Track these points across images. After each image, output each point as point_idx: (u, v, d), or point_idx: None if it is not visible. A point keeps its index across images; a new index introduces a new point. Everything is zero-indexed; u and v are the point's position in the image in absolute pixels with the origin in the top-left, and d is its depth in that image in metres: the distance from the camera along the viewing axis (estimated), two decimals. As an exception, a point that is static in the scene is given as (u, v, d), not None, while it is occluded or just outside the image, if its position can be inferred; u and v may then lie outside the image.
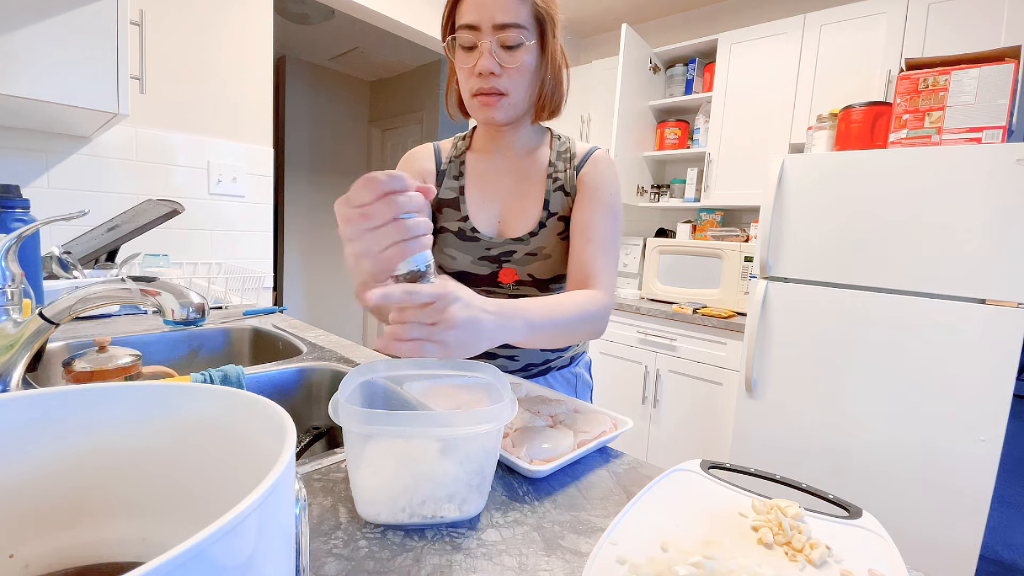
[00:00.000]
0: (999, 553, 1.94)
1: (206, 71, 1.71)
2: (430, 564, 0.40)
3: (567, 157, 0.78)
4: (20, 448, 0.27)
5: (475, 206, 0.79)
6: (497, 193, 0.79)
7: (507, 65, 0.67)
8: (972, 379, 1.41)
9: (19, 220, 0.83)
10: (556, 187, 0.77)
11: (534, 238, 0.76)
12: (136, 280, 0.52)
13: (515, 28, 0.65)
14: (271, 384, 0.85)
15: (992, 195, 1.38)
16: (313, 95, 3.97)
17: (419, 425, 0.42)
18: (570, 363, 0.89)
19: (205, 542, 0.15)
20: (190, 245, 1.73)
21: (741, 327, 1.92)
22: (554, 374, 0.87)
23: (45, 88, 1.05)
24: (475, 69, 0.67)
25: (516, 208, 0.78)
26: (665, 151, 2.60)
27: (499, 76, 0.68)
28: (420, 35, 2.41)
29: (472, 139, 0.83)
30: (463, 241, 0.78)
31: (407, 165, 0.82)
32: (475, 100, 0.70)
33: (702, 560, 0.38)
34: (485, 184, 0.80)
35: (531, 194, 0.78)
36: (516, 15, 0.65)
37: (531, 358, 0.84)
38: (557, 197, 0.76)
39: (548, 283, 0.79)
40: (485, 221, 0.78)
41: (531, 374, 0.85)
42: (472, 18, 0.65)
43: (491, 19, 0.65)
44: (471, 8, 0.66)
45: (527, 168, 0.79)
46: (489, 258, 0.78)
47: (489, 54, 0.66)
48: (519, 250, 0.76)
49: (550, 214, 0.76)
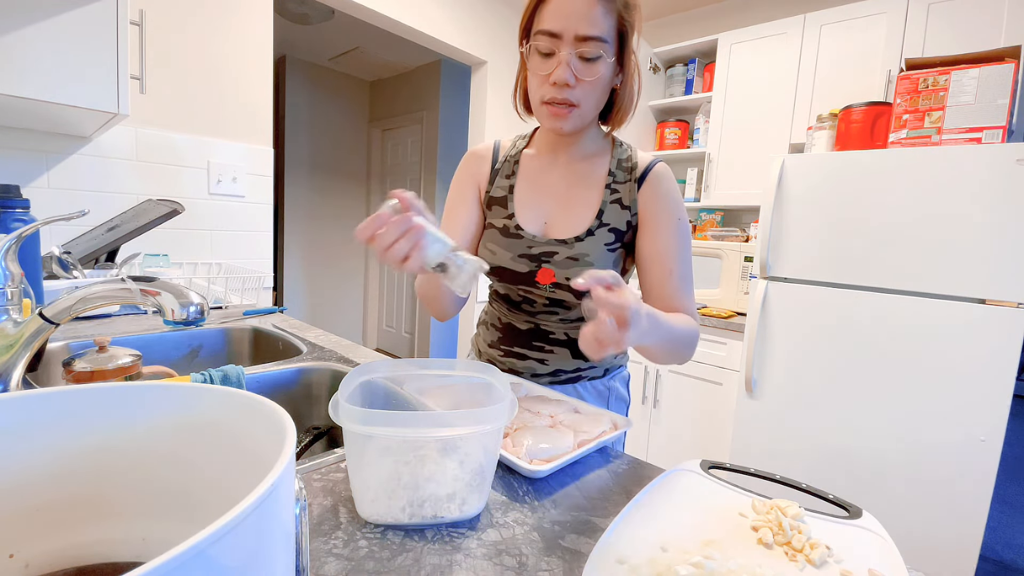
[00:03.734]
0: (999, 553, 1.94)
1: (206, 71, 1.71)
2: (430, 564, 0.40)
3: (628, 167, 0.77)
4: (20, 448, 0.27)
5: (522, 204, 0.79)
6: (547, 194, 0.79)
7: (583, 78, 0.66)
8: (972, 379, 1.41)
9: (19, 220, 0.83)
10: (614, 199, 0.76)
11: (580, 243, 0.75)
12: (136, 280, 0.52)
13: (597, 41, 0.64)
14: (271, 384, 0.85)
15: (992, 195, 1.38)
16: (313, 95, 3.96)
17: (419, 425, 0.42)
18: (604, 375, 0.86)
19: (205, 542, 0.15)
20: (190, 245, 1.73)
21: (741, 327, 1.92)
22: (584, 384, 0.84)
23: (45, 88, 1.05)
24: (550, 78, 0.66)
25: (565, 211, 0.77)
26: (665, 151, 2.61)
27: (573, 88, 0.66)
28: (420, 35, 2.41)
29: (532, 139, 0.83)
30: (505, 238, 0.78)
31: (465, 166, 0.84)
32: (545, 108, 0.69)
33: (702, 560, 0.38)
34: (536, 184, 0.80)
35: (585, 200, 0.77)
36: (600, 28, 0.64)
37: (561, 364, 0.82)
38: (613, 209, 0.75)
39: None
40: (531, 220, 0.78)
41: (560, 380, 0.83)
42: (555, 25, 0.64)
43: (574, 29, 0.63)
44: (555, 15, 0.64)
45: (583, 173, 0.78)
46: (529, 256, 0.77)
47: (567, 65, 0.65)
48: (561, 252, 0.75)
49: (602, 224, 0.75)
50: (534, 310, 0.82)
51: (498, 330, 0.87)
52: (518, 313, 0.84)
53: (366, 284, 4.52)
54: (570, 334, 0.82)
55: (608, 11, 0.64)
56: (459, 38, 2.54)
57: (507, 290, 0.83)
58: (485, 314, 0.92)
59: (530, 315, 0.83)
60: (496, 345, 0.87)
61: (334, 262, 4.27)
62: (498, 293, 0.86)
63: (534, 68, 0.69)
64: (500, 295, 0.85)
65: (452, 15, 2.49)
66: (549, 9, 0.65)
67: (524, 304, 0.82)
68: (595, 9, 0.63)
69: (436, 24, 2.42)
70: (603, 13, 0.63)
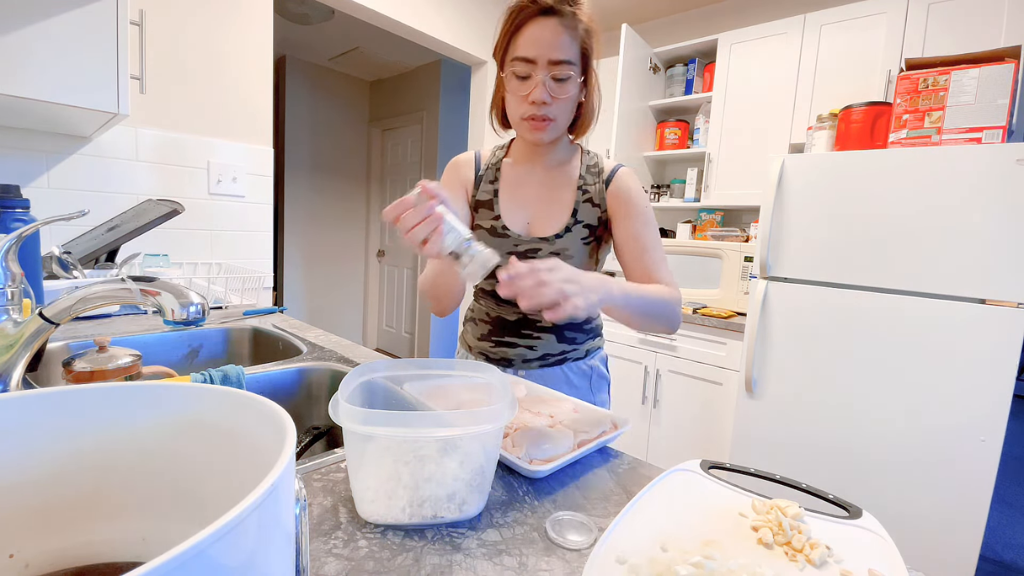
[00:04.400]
0: (999, 553, 1.94)
1: (206, 71, 1.71)
2: (430, 564, 0.40)
3: (596, 172, 0.87)
4: (20, 448, 0.27)
5: (507, 207, 0.88)
6: (528, 197, 0.88)
7: (557, 96, 0.76)
8: (972, 379, 1.41)
9: (19, 220, 0.83)
10: (585, 199, 0.85)
11: (559, 239, 0.84)
12: (136, 280, 0.52)
13: (567, 64, 0.74)
14: (271, 384, 0.85)
15: (992, 195, 1.37)
16: (313, 95, 3.96)
17: (419, 425, 0.42)
18: (585, 356, 0.94)
19: (205, 542, 0.15)
20: (190, 245, 1.73)
21: (741, 327, 1.92)
22: (570, 365, 0.92)
23: (45, 88, 1.05)
24: (528, 97, 0.76)
25: (545, 212, 0.87)
26: (665, 151, 2.60)
27: (549, 105, 0.76)
28: (420, 35, 2.41)
29: (510, 149, 0.93)
30: (494, 237, 0.87)
31: (452, 171, 0.92)
32: (525, 123, 0.79)
33: (702, 560, 0.38)
34: (518, 189, 0.89)
35: (560, 201, 0.86)
36: (568, 52, 0.74)
37: (548, 349, 0.91)
38: (586, 208, 0.85)
39: None
40: (516, 221, 0.87)
41: (548, 363, 0.91)
42: (529, 52, 0.74)
43: (547, 55, 0.73)
44: (529, 43, 0.74)
45: (557, 178, 0.88)
46: (516, 254, 0.85)
47: (542, 86, 0.75)
48: (544, 248, 0.84)
49: (577, 221, 0.85)
50: None
51: (487, 323, 0.94)
52: (507, 306, 0.91)
53: (366, 284, 4.52)
54: (555, 322, 0.87)
55: (573, 38, 0.74)
56: (459, 38, 2.55)
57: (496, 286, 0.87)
58: (471, 311, 0.99)
59: (518, 306, 0.87)
60: (487, 338, 0.94)
61: (334, 262, 4.27)
62: (484, 290, 0.94)
63: (512, 89, 0.78)
64: (487, 292, 0.93)
65: (452, 15, 2.49)
66: (523, 39, 0.75)
67: None
68: (562, 36, 0.73)
69: (436, 24, 2.43)
70: (569, 40, 0.74)
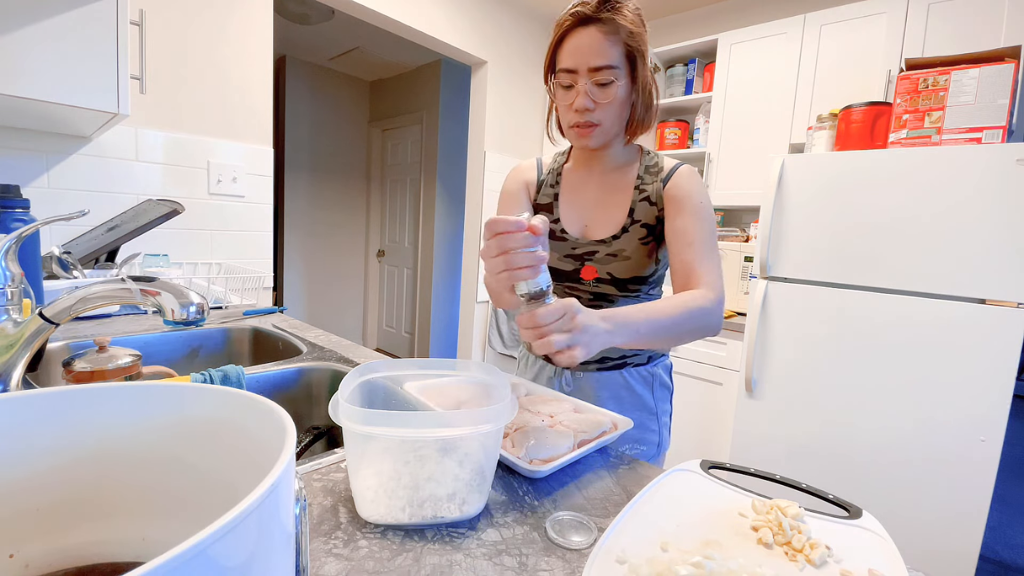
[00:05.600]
0: (999, 553, 1.94)
1: (206, 71, 1.71)
2: (430, 564, 0.40)
3: (655, 171, 0.86)
4: (20, 448, 0.27)
5: (566, 211, 0.90)
6: (586, 201, 0.89)
7: (600, 101, 0.76)
8: (972, 379, 1.41)
9: (19, 220, 0.83)
10: (642, 198, 0.85)
11: (616, 240, 0.85)
12: (136, 280, 0.52)
13: (607, 69, 0.74)
14: (271, 384, 0.85)
15: (992, 195, 1.37)
16: (313, 95, 3.96)
17: (419, 425, 0.42)
18: (648, 362, 0.93)
19: (205, 542, 0.15)
20: (190, 245, 1.73)
21: (741, 327, 1.92)
22: (630, 370, 0.92)
23: (45, 88, 1.05)
24: (572, 106, 0.78)
25: (602, 214, 0.87)
26: (665, 151, 2.60)
27: (593, 111, 0.77)
28: (420, 35, 2.41)
29: (570, 155, 0.95)
30: (552, 240, 0.88)
31: (516, 176, 0.94)
32: (572, 131, 0.81)
33: (702, 560, 0.38)
34: (576, 193, 0.90)
35: (617, 203, 0.87)
36: (608, 57, 0.74)
37: (608, 351, 0.90)
38: (643, 207, 0.85)
39: (626, 283, 0.86)
40: (573, 224, 0.88)
41: (607, 367, 0.91)
42: (570, 63, 0.75)
43: (586, 63, 0.74)
44: (569, 54, 0.75)
45: (615, 181, 0.88)
46: (573, 256, 0.87)
47: (584, 94, 0.76)
48: (601, 250, 0.85)
49: (634, 220, 0.84)
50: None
51: None
52: None
53: (366, 284, 4.52)
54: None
55: (614, 43, 0.74)
56: (459, 38, 2.54)
57: (555, 288, 0.90)
58: None
59: None
60: None
61: (334, 262, 4.27)
62: None
63: (559, 100, 0.81)
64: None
65: (452, 15, 2.49)
66: (565, 51, 0.76)
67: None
68: (602, 43, 0.73)
69: (436, 24, 2.42)
70: (610, 45, 0.74)
